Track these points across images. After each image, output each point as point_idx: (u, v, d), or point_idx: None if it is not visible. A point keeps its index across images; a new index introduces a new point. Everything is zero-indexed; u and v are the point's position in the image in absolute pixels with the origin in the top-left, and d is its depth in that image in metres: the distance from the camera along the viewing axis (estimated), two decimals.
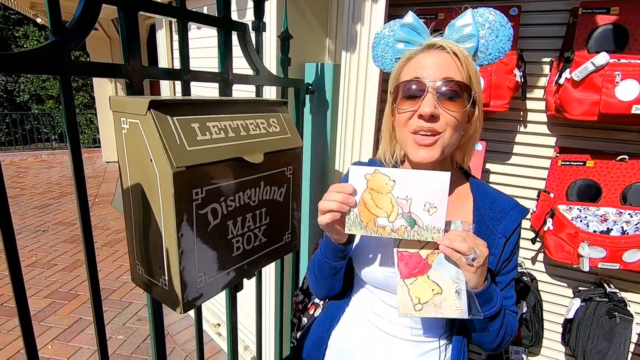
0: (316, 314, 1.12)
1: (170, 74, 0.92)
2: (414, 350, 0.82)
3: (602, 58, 1.17)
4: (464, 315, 0.68)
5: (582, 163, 1.40)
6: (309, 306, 1.21)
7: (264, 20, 1.09)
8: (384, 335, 0.84)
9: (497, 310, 0.72)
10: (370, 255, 0.83)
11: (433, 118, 0.67)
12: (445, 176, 0.64)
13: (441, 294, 0.68)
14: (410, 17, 0.73)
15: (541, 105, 1.47)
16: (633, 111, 1.15)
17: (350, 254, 0.85)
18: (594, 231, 1.38)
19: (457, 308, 0.68)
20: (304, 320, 1.15)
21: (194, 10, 0.89)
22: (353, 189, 0.68)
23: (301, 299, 1.17)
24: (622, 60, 1.17)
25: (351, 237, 0.80)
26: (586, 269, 1.33)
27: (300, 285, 1.39)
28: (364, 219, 0.68)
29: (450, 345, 0.84)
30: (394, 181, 0.66)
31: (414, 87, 0.68)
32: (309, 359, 0.95)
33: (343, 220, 0.70)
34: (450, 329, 0.84)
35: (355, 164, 0.93)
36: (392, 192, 0.66)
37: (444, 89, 0.66)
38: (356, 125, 1.42)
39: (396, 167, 0.86)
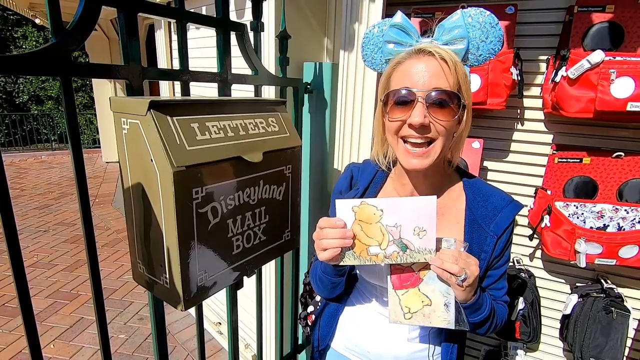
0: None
1: (169, 75, 0.93)
2: (408, 346, 0.87)
3: (598, 56, 1.18)
4: (451, 326, 0.71)
5: (578, 160, 1.41)
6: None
7: (262, 20, 1.10)
8: (385, 329, 0.87)
9: (485, 317, 0.75)
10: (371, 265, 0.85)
11: (423, 128, 0.68)
12: (431, 200, 0.65)
13: (430, 306, 0.71)
14: (399, 17, 0.73)
15: (538, 103, 1.48)
16: (628, 108, 1.16)
17: (349, 267, 0.86)
18: (591, 227, 1.39)
19: (444, 319, 0.71)
20: (310, 305, 1.18)
21: (192, 11, 0.90)
22: (344, 223, 0.69)
23: (309, 280, 1.21)
24: (618, 58, 1.18)
25: None
26: (583, 265, 1.34)
27: (307, 269, 1.42)
28: (357, 250, 0.70)
29: (440, 342, 0.87)
30: (382, 211, 0.67)
31: (404, 96, 0.69)
32: (323, 333, 0.99)
33: (341, 254, 0.71)
34: (439, 329, 0.87)
35: (350, 165, 0.95)
36: (381, 221, 0.68)
37: (433, 98, 0.67)
38: (354, 124, 1.43)
39: (390, 168, 0.87)
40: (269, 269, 1.70)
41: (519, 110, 1.52)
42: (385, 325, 0.87)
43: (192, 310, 0.97)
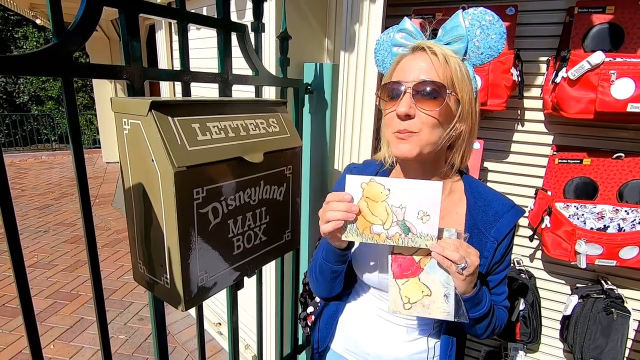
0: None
1: (170, 75, 0.93)
2: (407, 348, 0.86)
3: (598, 57, 1.18)
4: (450, 318, 0.71)
5: (578, 161, 1.41)
6: None
7: (263, 20, 1.10)
8: (384, 330, 0.87)
9: (485, 313, 0.74)
10: (367, 260, 0.85)
11: (408, 117, 0.69)
12: (437, 185, 0.66)
13: (430, 296, 0.71)
14: (405, 23, 0.75)
15: (538, 103, 1.48)
16: (628, 109, 1.16)
17: (349, 258, 0.86)
18: (591, 228, 1.39)
19: (444, 310, 0.71)
20: (310, 306, 1.18)
21: (193, 11, 0.90)
22: (351, 197, 0.70)
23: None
24: (618, 59, 1.18)
25: (351, 242, 0.81)
26: (583, 266, 1.34)
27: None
28: (360, 227, 0.70)
29: (439, 344, 0.87)
30: (389, 190, 0.68)
31: (393, 88, 0.71)
32: (322, 334, 0.99)
33: (343, 228, 0.72)
34: (439, 327, 0.87)
35: (350, 165, 0.95)
36: (387, 201, 0.68)
37: (419, 89, 0.68)
38: (355, 125, 1.43)
39: (393, 167, 0.88)
40: (269, 270, 1.70)
41: (519, 111, 1.52)
42: (385, 327, 0.87)
43: (193, 311, 0.97)
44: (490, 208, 0.79)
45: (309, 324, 1.27)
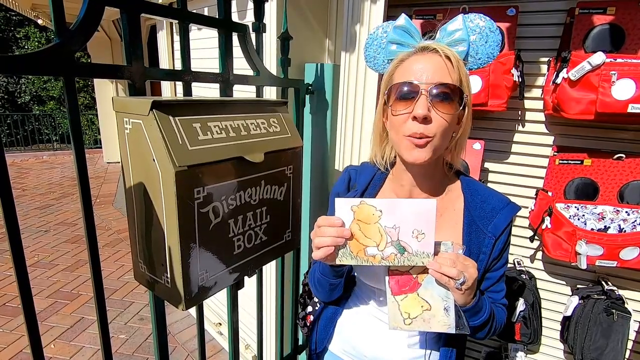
0: None
1: (171, 75, 0.93)
2: (406, 351, 0.86)
3: (599, 58, 1.18)
4: (452, 330, 0.70)
5: (579, 162, 1.41)
6: None
7: (264, 21, 1.10)
8: (382, 332, 0.87)
9: (485, 320, 0.74)
10: (369, 268, 0.85)
11: (426, 120, 0.68)
12: (431, 203, 0.65)
13: (430, 311, 0.71)
14: (402, 20, 0.74)
15: (539, 104, 1.48)
16: (629, 110, 1.16)
17: (348, 268, 0.86)
18: (592, 229, 1.39)
19: (445, 324, 0.70)
20: (309, 306, 1.19)
21: (194, 11, 0.91)
22: (342, 221, 0.69)
23: (307, 281, 1.22)
24: (619, 60, 1.18)
25: None
26: (584, 266, 1.34)
27: (308, 270, 1.43)
28: (354, 250, 0.69)
29: (438, 346, 0.87)
30: (381, 211, 0.67)
31: (407, 89, 0.69)
32: (320, 336, 0.99)
33: (335, 252, 0.71)
34: (438, 333, 0.86)
35: (348, 167, 0.95)
36: (380, 222, 0.67)
37: (436, 91, 0.67)
38: (355, 125, 1.43)
39: (388, 169, 0.87)
40: (270, 269, 1.70)
41: (520, 112, 1.52)
42: (383, 330, 0.87)
43: (193, 311, 0.97)
44: (487, 204, 0.80)
45: (308, 324, 1.27)
